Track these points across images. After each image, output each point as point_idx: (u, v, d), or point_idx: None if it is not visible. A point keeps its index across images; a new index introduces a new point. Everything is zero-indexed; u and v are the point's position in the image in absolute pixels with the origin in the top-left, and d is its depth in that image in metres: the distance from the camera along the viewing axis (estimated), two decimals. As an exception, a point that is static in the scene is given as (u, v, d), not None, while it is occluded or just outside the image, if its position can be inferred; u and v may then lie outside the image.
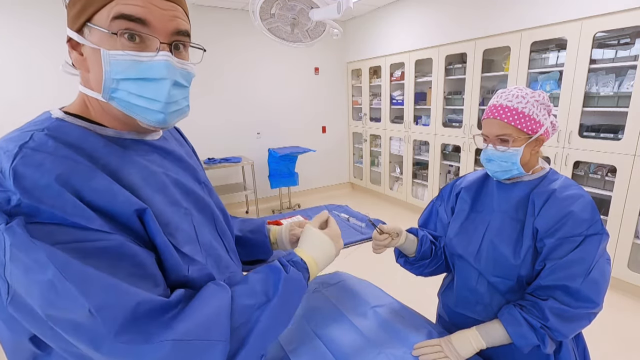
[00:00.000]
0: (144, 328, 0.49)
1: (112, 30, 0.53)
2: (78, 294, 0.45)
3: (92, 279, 0.47)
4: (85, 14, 0.54)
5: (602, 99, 2.57)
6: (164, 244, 0.57)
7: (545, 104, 0.94)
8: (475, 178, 1.12)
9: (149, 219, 0.56)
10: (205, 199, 0.74)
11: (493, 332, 0.92)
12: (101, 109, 0.61)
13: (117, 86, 0.56)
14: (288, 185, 4.44)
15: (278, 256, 0.75)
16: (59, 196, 0.48)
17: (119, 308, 0.48)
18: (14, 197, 0.46)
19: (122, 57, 0.54)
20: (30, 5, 3.27)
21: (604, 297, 0.87)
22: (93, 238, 0.49)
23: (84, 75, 0.60)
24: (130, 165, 0.60)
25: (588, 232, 0.87)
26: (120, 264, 0.51)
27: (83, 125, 0.59)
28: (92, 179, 0.52)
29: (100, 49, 0.54)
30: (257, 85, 4.57)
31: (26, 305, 0.46)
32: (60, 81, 3.42)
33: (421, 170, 4.39)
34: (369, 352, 0.91)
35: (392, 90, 4.54)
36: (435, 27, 3.69)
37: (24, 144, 0.51)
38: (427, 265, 1.15)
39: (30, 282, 0.45)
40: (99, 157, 0.56)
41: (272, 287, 0.63)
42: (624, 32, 2.47)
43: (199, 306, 0.55)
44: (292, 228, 0.98)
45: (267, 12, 1.19)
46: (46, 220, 0.47)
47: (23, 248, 0.45)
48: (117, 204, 0.53)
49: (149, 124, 0.60)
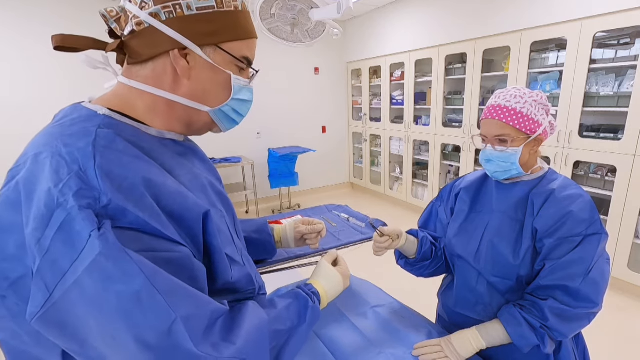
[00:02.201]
0: (211, 339, 0.50)
1: (236, 62, 0.64)
2: (165, 305, 0.44)
3: (177, 288, 0.47)
4: (218, 38, 0.60)
5: (602, 99, 2.57)
6: (218, 247, 0.58)
7: (543, 103, 0.95)
8: (475, 178, 1.12)
9: (209, 221, 0.57)
10: (229, 200, 0.76)
11: (493, 332, 0.92)
12: (163, 109, 0.61)
13: (229, 103, 0.66)
14: (288, 185, 4.44)
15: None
16: (142, 199, 0.48)
17: (201, 318, 0.49)
18: (104, 198, 0.44)
19: (239, 82, 0.66)
20: (34, 4, 3.28)
21: (603, 297, 0.87)
22: (165, 248, 0.49)
23: (170, 78, 0.60)
24: (179, 166, 0.61)
25: (587, 232, 0.87)
26: (181, 276, 0.50)
27: (129, 122, 0.58)
28: (165, 181, 0.53)
29: (231, 73, 0.63)
30: (257, 86, 4.52)
31: (61, 318, 0.44)
32: (67, 79, 3.45)
33: (421, 170, 4.39)
34: (369, 352, 0.91)
35: (392, 90, 4.54)
36: (436, 27, 3.69)
37: (94, 140, 0.49)
38: (427, 267, 1.15)
39: (106, 293, 0.42)
40: (156, 157, 0.56)
41: (300, 315, 0.68)
42: (624, 32, 2.47)
43: (245, 325, 0.56)
44: (297, 226, 1.03)
45: (267, 12, 1.20)
46: (128, 225, 0.46)
47: (112, 257, 0.42)
48: (188, 207, 0.54)
49: (223, 130, 0.70)
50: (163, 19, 0.56)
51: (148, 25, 0.56)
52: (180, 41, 0.57)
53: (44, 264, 0.43)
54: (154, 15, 0.56)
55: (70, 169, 0.46)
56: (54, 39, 0.55)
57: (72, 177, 0.45)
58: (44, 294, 0.43)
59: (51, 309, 0.43)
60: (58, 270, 0.42)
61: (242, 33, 0.63)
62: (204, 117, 0.66)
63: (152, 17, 0.56)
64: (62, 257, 0.42)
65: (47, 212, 0.43)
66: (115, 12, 0.60)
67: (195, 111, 0.64)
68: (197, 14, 0.57)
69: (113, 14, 0.59)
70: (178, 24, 0.57)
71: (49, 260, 0.43)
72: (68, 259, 0.42)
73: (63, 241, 0.42)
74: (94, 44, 0.58)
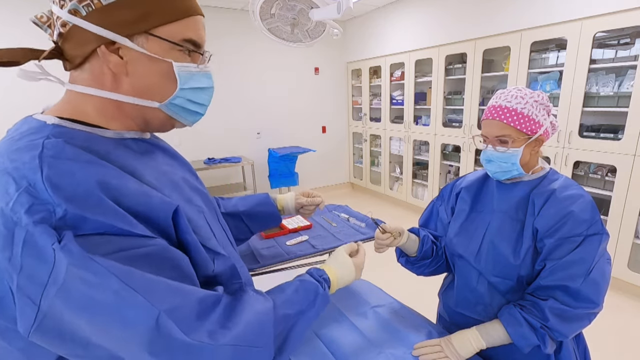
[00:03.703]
0: (206, 326, 0.50)
1: (176, 47, 0.58)
2: (145, 301, 0.45)
3: (155, 284, 0.47)
4: (147, 24, 0.55)
5: (602, 99, 2.57)
6: (193, 241, 0.57)
7: (544, 104, 0.94)
8: (476, 178, 1.12)
9: (179, 217, 0.55)
10: (207, 193, 0.74)
11: (493, 332, 0.92)
12: (112, 110, 0.59)
13: (178, 94, 0.60)
14: (288, 185, 4.44)
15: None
16: (100, 204, 0.46)
17: (187, 308, 0.49)
18: (58, 209, 0.43)
19: (187, 69, 0.60)
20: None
21: (604, 297, 0.87)
22: (137, 244, 0.48)
23: (109, 77, 0.57)
24: (142, 165, 0.59)
25: (588, 232, 0.87)
26: (163, 268, 0.50)
27: (82, 128, 0.56)
28: (124, 183, 0.51)
29: (172, 61, 0.58)
30: (257, 86, 4.57)
31: (56, 327, 0.44)
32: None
33: (421, 170, 4.39)
34: (369, 352, 0.91)
35: (392, 90, 4.54)
36: (436, 27, 3.69)
37: (40, 153, 0.47)
38: (428, 265, 1.15)
39: (90, 298, 0.43)
40: (114, 159, 0.54)
41: (309, 300, 0.68)
42: (624, 32, 2.47)
43: (245, 311, 0.56)
44: (298, 197, 1.17)
45: (267, 12, 1.20)
46: (90, 232, 0.45)
47: (81, 266, 0.43)
48: (153, 206, 0.52)
49: (187, 125, 0.66)
50: (83, 14, 0.52)
51: (72, 25, 0.53)
52: (105, 35, 0.53)
53: (22, 280, 0.42)
54: (73, 12, 0.52)
55: (18, 185, 0.44)
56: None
57: (21, 193, 0.44)
58: (32, 308, 0.43)
59: (44, 320, 0.43)
60: (38, 283, 0.42)
61: (177, 13, 0.57)
62: (159, 114, 0.62)
63: (72, 15, 0.52)
64: (38, 271, 0.42)
65: (7, 231, 0.43)
66: (46, 17, 0.57)
67: (146, 108, 0.60)
68: (117, 0, 0.53)
69: (44, 20, 0.57)
70: (98, 17, 0.52)
71: (25, 275, 0.42)
72: (44, 271, 0.42)
73: (33, 256, 0.42)
74: (32, 54, 0.55)
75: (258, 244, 1.43)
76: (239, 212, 1.06)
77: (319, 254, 1.37)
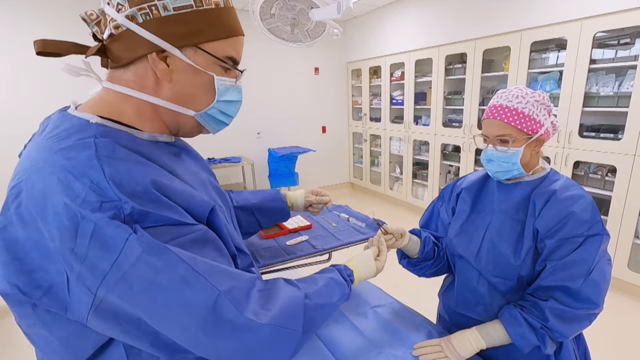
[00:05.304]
0: (252, 306, 0.55)
1: (219, 62, 0.62)
2: (207, 283, 0.50)
3: (214, 267, 0.53)
4: (198, 38, 0.59)
5: (602, 99, 2.57)
6: (226, 237, 0.61)
7: (545, 104, 0.94)
8: (476, 178, 1.12)
9: (214, 216, 0.60)
10: (226, 195, 0.77)
11: (493, 333, 0.92)
12: (149, 112, 0.61)
13: (214, 105, 0.65)
14: (288, 185, 4.43)
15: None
16: (157, 199, 0.51)
17: (240, 288, 0.54)
18: (126, 206, 0.48)
19: (225, 83, 0.65)
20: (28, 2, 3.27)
21: (604, 298, 0.87)
22: (187, 232, 0.53)
23: (152, 82, 0.60)
24: (177, 166, 0.63)
25: (589, 232, 0.87)
26: (207, 249, 0.55)
27: (122, 129, 0.58)
28: (171, 181, 0.56)
29: (214, 74, 0.62)
30: (257, 86, 4.57)
31: (114, 310, 0.48)
32: (61, 81, 3.44)
33: (421, 170, 4.39)
34: (369, 352, 0.91)
35: (392, 90, 4.54)
36: (435, 27, 3.69)
37: (96, 152, 0.50)
38: (429, 267, 1.15)
39: (156, 283, 0.48)
40: (156, 159, 0.58)
41: (336, 295, 0.72)
42: (624, 32, 2.47)
43: (280, 295, 0.60)
44: (307, 195, 1.20)
45: (267, 12, 1.20)
46: (153, 224, 0.50)
47: (154, 252, 0.48)
48: (195, 204, 0.57)
49: (212, 132, 0.71)
50: (140, 21, 0.56)
51: (125, 29, 0.56)
52: (157, 44, 0.56)
53: (84, 268, 0.46)
54: (130, 17, 0.55)
55: (82, 182, 0.47)
56: (36, 44, 0.55)
57: (87, 191, 0.47)
58: (88, 295, 0.47)
59: (101, 304, 0.48)
60: (99, 271, 0.46)
61: (224, 32, 0.61)
62: (191, 121, 0.66)
63: (129, 20, 0.55)
64: (101, 260, 0.46)
65: (71, 225, 0.46)
66: (96, 15, 0.59)
67: (181, 115, 0.64)
68: (175, 14, 0.56)
69: (93, 17, 0.59)
70: (155, 26, 0.56)
71: (88, 264, 0.46)
72: (107, 261, 0.46)
73: (99, 247, 0.46)
74: (75, 49, 0.58)
75: (258, 244, 1.43)
76: (250, 206, 1.09)
77: (319, 254, 1.36)
